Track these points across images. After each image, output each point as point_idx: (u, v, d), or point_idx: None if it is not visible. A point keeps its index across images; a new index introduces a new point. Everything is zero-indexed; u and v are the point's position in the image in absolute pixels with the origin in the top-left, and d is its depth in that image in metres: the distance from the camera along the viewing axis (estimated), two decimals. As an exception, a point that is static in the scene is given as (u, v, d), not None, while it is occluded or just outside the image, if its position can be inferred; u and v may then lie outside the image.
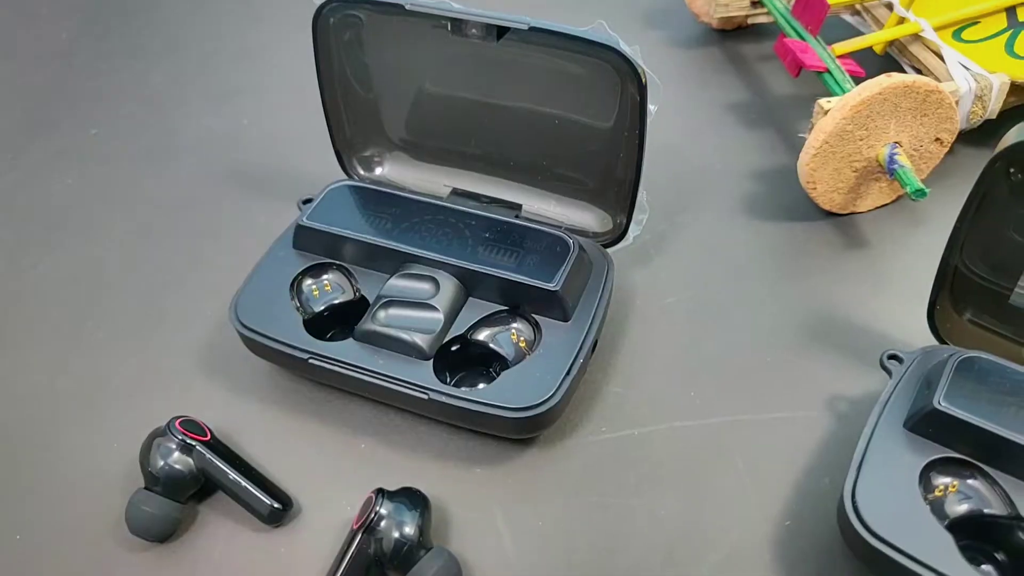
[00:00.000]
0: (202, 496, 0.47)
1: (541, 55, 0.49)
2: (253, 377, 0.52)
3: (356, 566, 0.42)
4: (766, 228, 0.59)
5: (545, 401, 0.44)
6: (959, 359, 0.43)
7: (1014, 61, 0.59)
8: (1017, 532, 0.40)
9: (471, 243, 0.50)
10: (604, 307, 0.49)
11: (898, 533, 0.39)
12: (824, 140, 0.53)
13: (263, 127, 0.70)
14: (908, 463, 0.41)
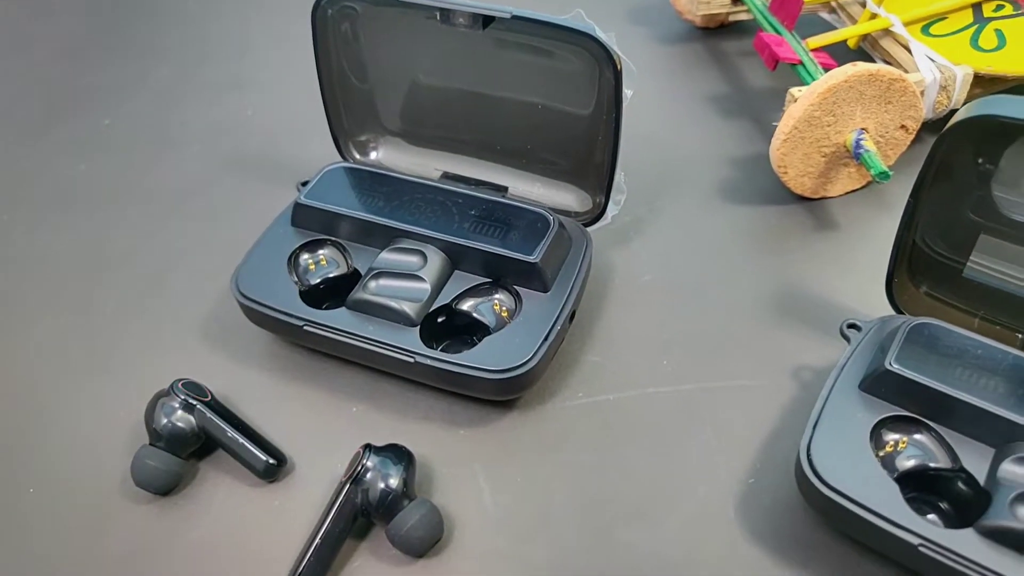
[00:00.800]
0: (202, 453, 0.50)
1: (525, 45, 0.52)
2: (252, 346, 0.55)
3: (343, 514, 0.44)
4: (741, 212, 0.62)
5: (523, 364, 0.47)
6: (911, 325, 0.46)
7: (978, 54, 0.62)
8: (959, 483, 0.42)
9: (457, 220, 0.53)
10: (582, 280, 0.52)
11: (848, 484, 0.41)
12: (793, 126, 0.56)
13: (265, 117, 0.73)
14: (861, 421, 0.44)
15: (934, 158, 0.44)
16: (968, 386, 0.43)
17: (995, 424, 0.42)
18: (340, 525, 0.44)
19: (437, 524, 0.45)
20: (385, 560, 0.45)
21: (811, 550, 0.44)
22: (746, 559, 0.44)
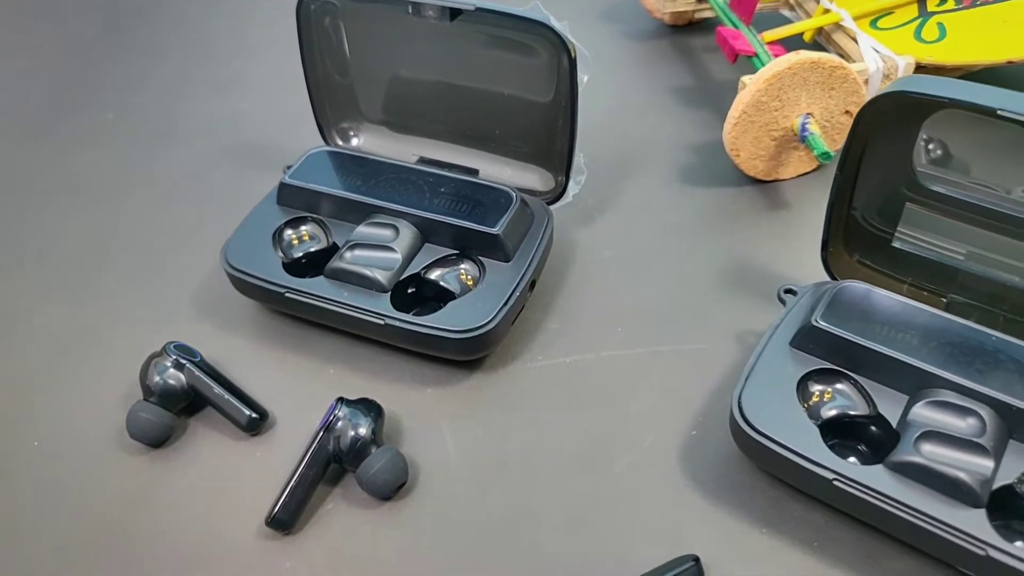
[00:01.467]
0: (192, 410, 0.54)
1: (491, 36, 0.56)
2: (239, 315, 0.59)
3: (317, 459, 0.48)
4: (698, 193, 0.66)
5: (484, 325, 0.51)
6: (837, 287, 0.50)
7: (921, 45, 0.65)
8: (876, 428, 0.46)
9: (428, 197, 0.57)
10: (542, 251, 0.56)
11: (773, 427, 0.45)
12: (742, 110, 0.60)
13: (259, 110, 0.77)
14: (789, 373, 0.48)
15: (855, 133, 0.48)
16: (885, 340, 0.47)
17: (908, 373, 0.46)
18: (314, 469, 0.48)
19: (402, 469, 0.49)
20: (355, 503, 0.49)
21: (745, 493, 0.48)
22: (686, 501, 0.48)
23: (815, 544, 0.46)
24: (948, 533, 0.41)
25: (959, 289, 0.52)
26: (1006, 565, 0.40)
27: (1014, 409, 0.43)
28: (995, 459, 0.43)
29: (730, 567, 0.45)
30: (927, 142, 0.49)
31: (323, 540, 0.48)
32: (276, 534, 0.48)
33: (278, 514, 0.47)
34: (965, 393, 0.45)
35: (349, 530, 0.48)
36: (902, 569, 0.45)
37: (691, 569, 0.44)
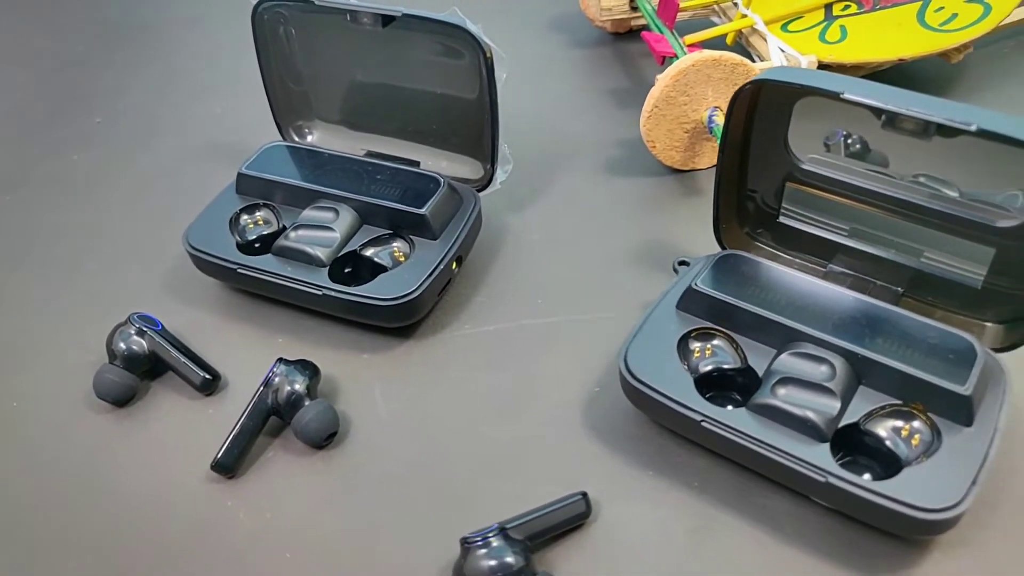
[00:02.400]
0: (153, 374, 0.60)
1: (422, 41, 0.63)
2: (200, 292, 0.65)
3: (257, 411, 0.54)
4: (622, 183, 0.72)
5: (410, 294, 0.57)
6: (719, 255, 0.55)
7: (824, 46, 0.71)
8: (746, 378, 0.51)
9: (367, 184, 0.63)
10: (468, 230, 0.61)
11: (652, 377, 0.50)
12: (654, 104, 0.66)
13: (229, 114, 0.84)
14: (672, 332, 0.53)
15: (730, 119, 0.54)
16: (756, 301, 0.52)
17: (775, 330, 0.51)
18: (254, 420, 0.54)
19: (332, 419, 0.54)
20: (292, 452, 0.55)
21: (636, 441, 0.54)
22: (583, 448, 0.54)
23: (695, 485, 0.51)
24: (797, 464, 0.46)
25: (839, 261, 0.57)
26: (843, 490, 0.45)
27: (861, 357, 0.49)
28: (842, 401, 0.48)
29: (617, 504, 0.51)
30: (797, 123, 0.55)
31: (262, 483, 0.53)
32: (220, 477, 0.53)
33: (221, 459, 0.53)
34: (822, 345, 0.50)
35: (286, 475, 0.54)
36: (769, 504, 0.50)
37: (579, 503, 0.49)
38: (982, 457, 0.45)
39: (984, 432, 0.46)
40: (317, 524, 0.51)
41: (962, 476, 0.44)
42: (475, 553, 0.45)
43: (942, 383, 0.47)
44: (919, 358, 0.48)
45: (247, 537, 0.51)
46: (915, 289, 0.55)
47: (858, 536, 0.48)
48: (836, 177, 0.55)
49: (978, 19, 0.69)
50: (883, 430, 0.48)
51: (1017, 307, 0.51)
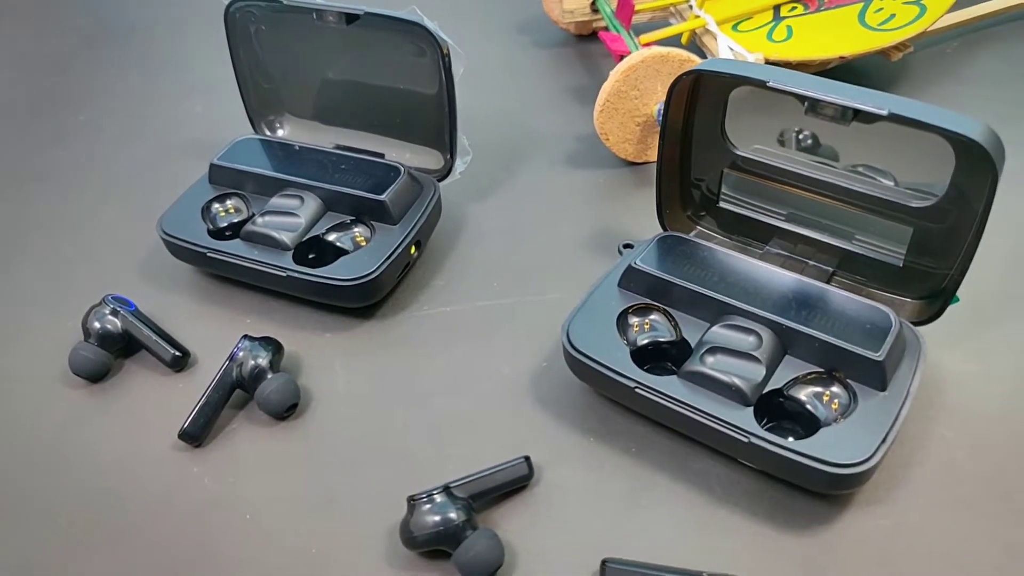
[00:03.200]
0: (127, 353, 0.63)
1: (385, 38, 0.66)
2: (174, 277, 0.68)
3: (222, 384, 0.57)
4: (578, 174, 0.75)
5: (369, 274, 0.60)
6: (659, 236, 0.59)
7: (770, 44, 0.74)
8: (680, 350, 0.54)
9: (331, 173, 0.66)
10: (427, 216, 0.65)
11: (592, 348, 0.54)
12: (606, 98, 0.69)
13: (209, 112, 0.87)
14: (613, 307, 0.56)
15: (668, 108, 0.57)
16: (691, 278, 0.55)
17: (708, 305, 0.54)
18: (220, 392, 0.57)
19: (293, 391, 0.57)
20: (256, 423, 0.58)
21: (579, 411, 0.57)
22: (530, 417, 0.57)
23: (633, 450, 0.54)
24: (722, 427, 0.49)
25: (775, 243, 0.60)
26: (764, 449, 0.48)
27: (786, 328, 0.52)
28: (767, 368, 0.51)
29: (559, 468, 0.54)
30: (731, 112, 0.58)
31: (226, 451, 0.56)
32: (187, 446, 0.56)
33: (188, 428, 0.56)
34: (750, 318, 0.53)
35: (249, 443, 0.57)
36: (701, 468, 0.53)
37: (522, 465, 0.52)
38: (893, 418, 0.48)
39: (897, 396, 0.50)
40: (277, 488, 0.54)
41: (873, 435, 0.48)
42: (420, 509, 0.48)
43: (858, 350, 0.50)
44: (839, 329, 0.51)
45: (210, 500, 0.54)
46: (845, 269, 0.58)
47: (783, 496, 0.51)
48: (770, 163, 0.58)
49: (914, 19, 0.73)
50: (804, 395, 0.51)
51: (933, 284, 0.55)
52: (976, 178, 0.50)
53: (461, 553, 0.47)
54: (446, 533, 0.48)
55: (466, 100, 0.65)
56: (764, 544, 0.49)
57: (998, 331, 0.59)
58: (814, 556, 0.48)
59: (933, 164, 0.52)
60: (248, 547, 0.51)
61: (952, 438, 0.53)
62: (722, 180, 0.61)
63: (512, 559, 0.49)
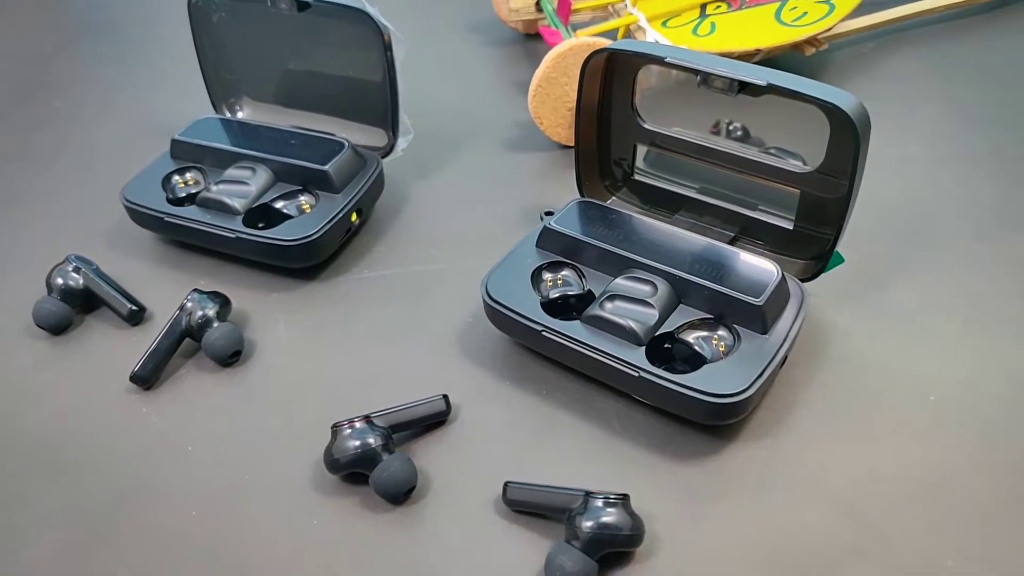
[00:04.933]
0: (88, 309, 0.68)
1: (334, 25, 0.71)
2: (134, 243, 0.73)
3: (172, 331, 0.62)
4: (516, 156, 0.80)
5: (308, 236, 0.65)
6: (573, 202, 0.64)
7: (695, 38, 0.80)
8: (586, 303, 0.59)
9: (280, 146, 0.71)
10: (368, 187, 0.70)
11: (506, 298, 0.59)
12: (538, 84, 0.75)
13: (178, 101, 0.92)
14: (529, 264, 0.61)
15: (581, 87, 0.62)
16: (600, 237, 0.61)
17: (613, 260, 0.60)
18: (170, 339, 0.62)
19: (237, 338, 0.62)
20: (203, 369, 0.62)
21: (499, 359, 0.62)
22: (454, 365, 0.61)
23: (543, 392, 0.59)
24: (616, 363, 0.54)
25: (684, 212, 0.66)
26: (652, 383, 0.53)
27: (679, 278, 0.57)
28: (660, 313, 0.56)
29: (476, 407, 0.58)
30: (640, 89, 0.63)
31: (174, 394, 0.61)
32: (138, 388, 0.61)
33: (138, 371, 0.61)
34: (649, 270, 0.58)
35: (195, 387, 0.61)
36: (603, 407, 0.58)
37: (439, 402, 0.57)
38: (770, 357, 0.53)
39: (777, 339, 0.55)
40: (217, 425, 0.59)
41: (751, 372, 0.53)
42: (342, 435, 0.53)
43: (741, 296, 0.55)
44: (727, 279, 0.57)
45: (156, 435, 0.58)
46: (746, 234, 0.64)
47: (675, 431, 0.56)
48: (676, 136, 0.64)
49: (824, 16, 0.79)
50: (693, 337, 0.56)
51: (819, 246, 0.60)
52: (845, 147, 0.55)
53: (377, 474, 0.52)
54: (364, 456, 0.53)
55: (419, 91, 0.71)
56: (655, 472, 0.54)
57: (884, 294, 0.65)
58: (698, 481, 0.53)
59: (814, 134, 0.57)
60: (187, 476, 0.56)
61: (833, 384, 0.59)
62: (635, 154, 0.66)
63: (426, 483, 0.54)
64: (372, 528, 0.52)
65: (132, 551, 0.52)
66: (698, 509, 0.52)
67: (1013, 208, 0.72)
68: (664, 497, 0.53)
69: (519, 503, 0.52)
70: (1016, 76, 0.87)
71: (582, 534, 0.48)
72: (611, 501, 0.48)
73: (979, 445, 0.54)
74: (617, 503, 0.48)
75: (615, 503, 0.48)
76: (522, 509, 0.52)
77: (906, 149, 0.78)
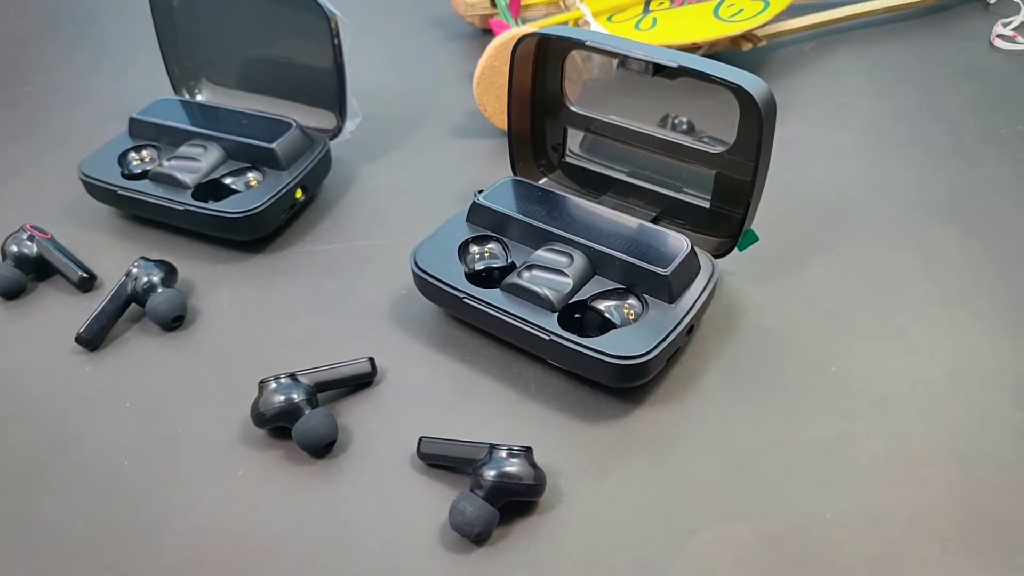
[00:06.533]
0: (42, 276, 0.70)
1: (285, 10, 0.74)
2: (91, 218, 0.76)
3: (118, 296, 0.65)
4: (461, 142, 0.84)
5: (255, 208, 0.68)
6: (502, 180, 0.67)
7: (637, 32, 0.83)
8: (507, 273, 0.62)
9: (232, 127, 0.74)
10: (314, 165, 0.73)
11: (432, 268, 0.61)
12: (481, 72, 0.78)
13: (145, 86, 0.94)
14: (457, 237, 0.64)
15: (512, 71, 0.65)
16: (526, 212, 0.63)
17: (536, 234, 0.62)
18: (115, 303, 0.64)
19: (181, 303, 0.65)
20: (147, 333, 0.65)
21: (428, 327, 0.64)
22: (386, 332, 0.64)
23: (467, 359, 0.62)
24: (529, 328, 0.57)
25: (611, 192, 0.69)
26: (562, 346, 0.55)
27: (594, 250, 0.60)
28: (574, 282, 0.59)
29: (402, 371, 0.61)
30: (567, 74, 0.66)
31: (117, 356, 0.64)
32: (84, 350, 0.64)
33: (83, 333, 0.63)
34: (567, 243, 0.61)
35: (138, 349, 0.64)
36: (520, 372, 0.61)
37: (364, 363, 0.59)
38: (675, 324, 0.56)
39: (683, 308, 0.57)
40: (156, 384, 0.61)
41: (654, 337, 0.55)
42: (268, 389, 0.56)
43: (649, 267, 0.58)
44: (639, 252, 0.59)
45: (96, 392, 0.61)
46: (667, 214, 0.66)
47: (587, 394, 0.59)
48: (601, 120, 0.67)
49: (759, 12, 0.82)
50: (604, 305, 0.59)
51: (733, 224, 0.63)
52: (753, 128, 0.58)
53: (298, 426, 0.55)
54: (288, 410, 0.55)
55: (375, 80, 0.76)
56: (564, 431, 0.57)
57: (799, 273, 0.68)
58: (604, 440, 0.56)
59: (728, 116, 0.60)
60: (123, 429, 0.58)
61: (741, 355, 0.61)
62: (566, 137, 0.69)
63: (348, 439, 0.57)
64: (293, 479, 0.55)
65: (66, 495, 0.54)
66: (601, 466, 0.55)
67: (925, 193, 0.75)
68: (571, 455, 0.55)
69: (431, 456, 0.54)
70: (945, 73, 0.91)
71: (485, 483, 0.50)
72: (514, 452, 0.51)
73: (872, 412, 0.57)
74: (519, 454, 0.51)
75: (517, 454, 0.51)
76: (434, 463, 0.55)
77: (835, 140, 0.81)
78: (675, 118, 0.69)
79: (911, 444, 0.55)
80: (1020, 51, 0.93)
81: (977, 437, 0.55)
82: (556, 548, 0.51)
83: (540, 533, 0.51)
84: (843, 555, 0.49)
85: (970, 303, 0.64)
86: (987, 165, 0.78)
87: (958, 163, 0.78)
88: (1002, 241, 0.70)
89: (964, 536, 0.50)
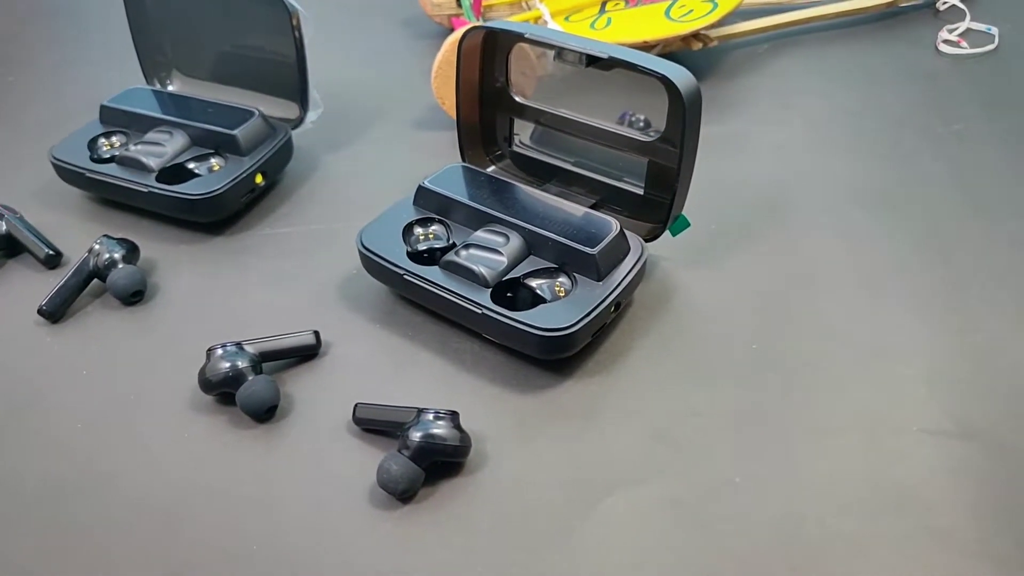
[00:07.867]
0: (11, 254, 0.73)
1: (252, 5, 0.78)
2: (62, 201, 0.79)
3: (79, 272, 0.68)
4: (421, 134, 0.87)
5: (214, 191, 0.71)
6: (448, 166, 0.70)
7: (592, 31, 0.87)
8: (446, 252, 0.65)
9: (198, 116, 0.78)
10: (274, 153, 0.76)
11: (377, 247, 0.64)
12: (438, 66, 0.81)
13: (123, 78, 0.98)
14: (403, 219, 0.67)
15: (458, 62, 0.69)
16: (468, 196, 0.67)
17: (477, 216, 0.65)
18: (77, 278, 0.67)
19: (140, 279, 0.68)
20: (108, 308, 0.68)
21: (374, 305, 0.67)
22: (334, 309, 0.67)
23: (409, 334, 0.65)
24: (463, 302, 0.60)
25: (557, 181, 0.72)
26: (493, 320, 0.59)
27: (529, 231, 0.63)
28: (508, 261, 0.62)
29: (347, 345, 0.64)
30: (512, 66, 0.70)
31: (78, 329, 0.67)
32: (46, 322, 0.67)
33: (45, 306, 0.66)
34: (505, 224, 0.64)
35: (98, 323, 0.67)
36: (459, 346, 0.64)
37: (309, 336, 0.62)
38: (600, 300, 0.59)
39: (609, 286, 0.60)
40: (113, 354, 0.64)
41: (579, 311, 0.58)
42: (214, 356, 0.59)
43: (578, 247, 0.61)
44: (570, 233, 0.62)
45: (55, 360, 0.64)
46: (606, 201, 0.69)
47: (520, 368, 0.62)
48: (542, 109, 0.70)
49: (707, 13, 0.85)
50: (536, 283, 0.62)
51: (664, 210, 0.66)
52: (679, 117, 0.61)
53: (241, 391, 0.58)
54: (232, 376, 0.58)
55: (341, 75, 0.79)
56: (495, 401, 0.60)
57: (730, 259, 0.71)
58: (532, 410, 0.59)
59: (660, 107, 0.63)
60: (78, 394, 0.61)
61: (669, 332, 0.64)
62: (512, 127, 0.72)
63: (290, 405, 0.60)
64: (236, 440, 0.58)
65: (20, 454, 0.57)
66: (526, 433, 0.58)
67: (860, 187, 0.78)
68: (499, 423, 0.58)
69: (365, 421, 0.57)
70: (891, 76, 0.94)
71: (411, 443, 0.53)
72: (440, 415, 0.54)
73: (787, 386, 0.60)
74: (445, 417, 0.54)
75: (443, 417, 0.54)
76: (369, 427, 0.58)
77: (779, 137, 0.84)
78: (632, 115, 0.72)
79: (820, 415, 0.58)
80: (964, 55, 0.96)
81: (882, 410, 0.58)
82: (477, 507, 0.54)
83: (463, 493, 0.54)
84: (747, 515, 0.52)
85: (890, 288, 0.67)
86: (922, 162, 0.81)
87: (895, 160, 0.81)
88: (928, 232, 0.73)
89: (862, 500, 0.53)
